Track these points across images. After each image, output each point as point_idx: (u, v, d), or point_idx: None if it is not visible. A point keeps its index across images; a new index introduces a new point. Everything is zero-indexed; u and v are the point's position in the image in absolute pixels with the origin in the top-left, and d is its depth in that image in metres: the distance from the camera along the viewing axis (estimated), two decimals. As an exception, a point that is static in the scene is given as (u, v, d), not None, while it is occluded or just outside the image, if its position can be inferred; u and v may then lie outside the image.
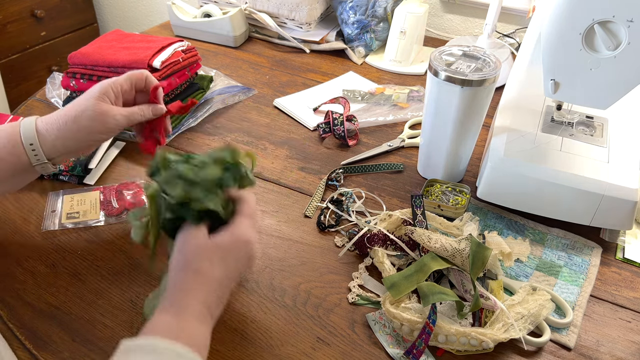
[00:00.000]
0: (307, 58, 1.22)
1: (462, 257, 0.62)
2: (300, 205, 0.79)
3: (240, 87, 1.07)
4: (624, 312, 0.64)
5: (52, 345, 0.58)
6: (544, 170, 0.70)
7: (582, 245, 0.72)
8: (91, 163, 0.82)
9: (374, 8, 1.19)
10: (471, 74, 0.70)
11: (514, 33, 1.23)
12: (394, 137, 0.94)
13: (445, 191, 0.78)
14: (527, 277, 0.68)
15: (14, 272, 0.66)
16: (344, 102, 0.98)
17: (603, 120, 0.79)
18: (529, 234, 0.74)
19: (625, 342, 0.60)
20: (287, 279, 0.67)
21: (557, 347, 0.60)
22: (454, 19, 1.36)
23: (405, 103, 1.02)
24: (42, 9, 1.77)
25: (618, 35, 0.60)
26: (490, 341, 0.56)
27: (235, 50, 1.25)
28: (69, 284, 0.65)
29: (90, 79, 0.90)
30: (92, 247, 0.70)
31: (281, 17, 1.25)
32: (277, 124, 0.98)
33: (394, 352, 0.58)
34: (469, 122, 0.74)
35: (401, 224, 0.70)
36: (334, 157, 0.89)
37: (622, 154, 0.72)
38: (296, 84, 1.11)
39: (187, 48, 0.96)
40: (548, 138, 0.75)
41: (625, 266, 0.70)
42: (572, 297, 0.65)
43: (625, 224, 0.69)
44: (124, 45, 0.93)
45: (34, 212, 0.76)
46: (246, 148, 0.91)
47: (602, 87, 0.65)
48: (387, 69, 1.18)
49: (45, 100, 1.03)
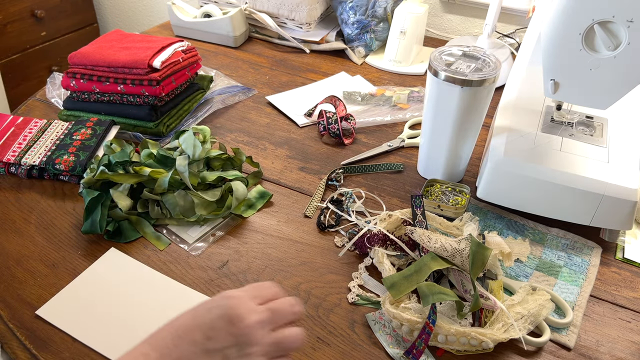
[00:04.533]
0: (307, 58, 1.22)
1: (462, 257, 0.62)
2: (300, 205, 0.79)
3: (240, 87, 1.07)
4: (623, 312, 0.64)
5: (52, 345, 0.58)
6: (544, 170, 0.70)
7: (582, 245, 0.72)
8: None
9: (374, 8, 1.19)
10: (471, 74, 0.70)
11: (514, 33, 1.23)
12: (394, 137, 0.94)
13: (445, 191, 0.78)
14: (527, 277, 0.68)
15: (14, 272, 0.67)
16: (334, 100, 0.97)
17: (603, 120, 0.79)
18: (529, 234, 0.74)
19: (625, 342, 0.60)
20: (287, 279, 0.67)
21: (557, 347, 0.60)
22: (454, 19, 1.36)
23: (405, 104, 1.02)
24: (42, 9, 1.77)
25: (618, 36, 0.60)
26: (490, 341, 0.56)
27: (235, 50, 1.25)
28: (69, 284, 0.65)
29: (90, 79, 0.90)
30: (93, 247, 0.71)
31: (281, 17, 1.25)
32: (277, 124, 0.98)
33: (394, 352, 0.58)
34: (469, 122, 0.74)
35: (401, 224, 0.70)
36: (333, 157, 0.89)
37: (622, 154, 0.72)
38: (296, 84, 1.11)
39: (187, 48, 0.96)
40: (548, 138, 0.75)
41: (625, 266, 0.70)
42: (571, 297, 0.65)
43: (625, 224, 0.69)
44: (124, 45, 0.93)
45: (34, 212, 0.76)
46: (246, 148, 0.91)
47: (602, 87, 0.65)
48: (387, 69, 1.18)
49: (45, 100, 1.03)
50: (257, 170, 0.84)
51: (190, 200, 0.74)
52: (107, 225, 0.71)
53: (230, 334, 0.43)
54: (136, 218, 0.73)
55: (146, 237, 0.72)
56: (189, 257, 0.70)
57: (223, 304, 0.44)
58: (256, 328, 0.43)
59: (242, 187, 0.77)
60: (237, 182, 0.77)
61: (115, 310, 0.62)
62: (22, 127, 0.87)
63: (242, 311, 0.43)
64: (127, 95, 0.89)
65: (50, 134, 0.86)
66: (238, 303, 0.44)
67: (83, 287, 0.65)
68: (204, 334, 0.43)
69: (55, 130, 0.87)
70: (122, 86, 0.88)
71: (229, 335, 0.43)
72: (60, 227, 0.73)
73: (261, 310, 0.45)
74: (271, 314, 0.45)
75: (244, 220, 0.76)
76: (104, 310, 0.62)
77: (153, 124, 0.90)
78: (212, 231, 0.74)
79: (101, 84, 0.89)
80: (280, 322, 0.46)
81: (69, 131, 0.86)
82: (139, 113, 0.90)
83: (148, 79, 0.87)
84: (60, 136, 0.85)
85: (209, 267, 0.68)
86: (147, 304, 0.63)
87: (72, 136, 0.85)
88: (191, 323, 0.44)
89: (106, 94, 0.91)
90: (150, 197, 0.74)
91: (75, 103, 0.94)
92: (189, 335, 0.43)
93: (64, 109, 0.95)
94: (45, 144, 0.84)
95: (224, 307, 0.44)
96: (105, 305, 0.63)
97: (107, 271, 0.67)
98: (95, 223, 0.70)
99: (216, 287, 0.65)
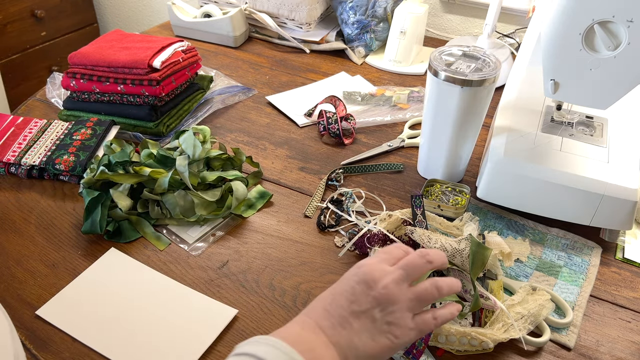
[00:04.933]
0: (307, 58, 1.22)
1: (462, 257, 0.62)
2: (300, 205, 0.79)
3: (240, 87, 1.07)
4: (623, 312, 0.64)
5: (52, 345, 0.58)
6: (544, 170, 0.70)
7: (582, 245, 0.72)
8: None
9: (374, 8, 1.19)
10: (471, 74, 0.70)
11: (514, 33, 1.23)
12: (394, 137, 0.94)
13: (445, 191, 0.78)
14: (527, 277, 0.68)
15: (14, 272, 0.67)
16: (334, 100, 0.97)
17: (603, 120, 0.79)
18: (529, 234, 0.74)
19: (625, 342, 0.60)
20: (287, 279, 0.67)
21: (557, 347, 0.60)
22: (454, 19, 1.36)
23: (405, 104, 1.02)
24: (42, 9, 1.77)
25: (618, 36, 0.60)
26: (490, 341, 0.56)
27: (235, 50, 1.25)
28: (69, 284, 0.65)
29: (90, 79, 0.90)
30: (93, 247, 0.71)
31: (281, 17, 1.25)
32: (277, 124, 0.98)
33: (393, 352, 0.58)
34: (468, 122, 0.74)
35: (401, 224, 0.70)
36: (333, 157, 0.89)
37: (622, 154, 0.72)
38: (296, 84, 1.11)
39: (187, 48, 0.96)
40: (548, 138, 0.75)
41: (625, 266, 0.70)
42: (571, 297, 0.65)
43: (625, 224, 0.69)
44: (124, 45, 0.93)
45: (34, 212, 0.76)
46: (246, 148, 0.91)
47: (602, 87, 0.65)
48: (387, 69, 1.18)
49: (45, 100, 1.03)
50: (257, 170, 0.84)
51: (190, 200, 0.74)
52: (107, 226, 0.71)
53: (370, 297, 0.46)
54: (136, 218, 0.73)
55: (146, 237, 0.72)
56: (189, 257, 0.70)
57: (358, 272, 0.48)
58: (393, 287, 0.47)
59: (242, 187, 0.77)
60: (237, 182, 0.77)
61: (115, 310, 0.62)
62: (22, 127, 0.87)
63: (377, 275, 0.47)
64: (127, 95, 0.89)
65: (50, 134, 0.86)
66: (371, 268, 0.48)
67: (83, 287, 0.65)
68: (347, 299, 0.47)
69: (55, 130, 0.87)
70: (122, 86, 0.88)
71: (369, 298, 0.46)
72: (60, 227, 0.73)
73: (394, 270, 0.48)
74: (404, 271, 0.48)
75: (244, 220, 0.76)
76: (104, 310, 0.62)
77: (153, 124, 0.90)
78: (212, 231, 0.74)
79: (101, 84, 0.89)
80: (415, 275, 0.49)
81: (69, 131, 0.86)
82: (139, 113, 0.90)
83: (148, 79, 0.87)
84: (60, 136, 0.85)
85: (209, 267, 0.68)
86: (147, 304, 0.63)
87: (72, 136, 0.85)
88: (337, 291, 0.48)
89: (106, 94, 0.91)
90: (150, 197, 0.74)
91: (75, 103, 0.94)
92: (335, 302, 0.47)
93: (64, 109, 0.95)
94: (45, 144, 0.84)
95: (359, 275, 0.48)
96: (105, 305, 0.63)
97: (107, 271, 0.67)
98: (95, 223, 0.70)
99: (216, 287, 0.65)
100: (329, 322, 0.46)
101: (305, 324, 0.47)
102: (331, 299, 0.48)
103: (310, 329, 0.46)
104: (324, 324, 0.46)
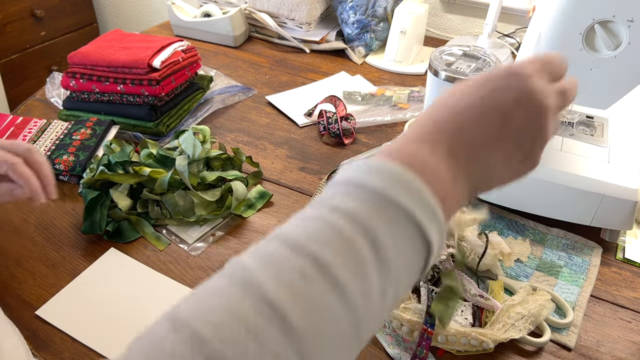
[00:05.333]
0: (307, 58, 1.22)
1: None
2: (300, 205, 0.79)
3: (240, 87, 1.07)
4: (624, 312, 0.64)
5: (52, 346, 0.58)
6: (544, 170, 0.70)
7: (583, 245, 0.72)
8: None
9: (374, 8, 1.18)
10: (471, 74, 0.70)
11: (514, 33, 1.23)
12: (394, 137, 0.94)
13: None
14: (527, 277, 0.67)
15: (13, 272, 0.66)
16: (335, 100, 0.97)
17: (603, 120, 0.79)
18: (529, 234, 0.74)
19: (626, 342, 0.60)
20: (287, 279, 0.67)
21: (557, 347, 0.60)
22: (454, 19, 1.36)
23: (405, 104, 1.02)
24: (42, 9, 1.77)
25: (618, 35, 0.60)
26: (491, 341, 0.56)
27: (235, 50, 1.25)
28: (69, 284, 0.65)
29: (90, 78, 0.90)
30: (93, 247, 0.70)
31: (281, 17, 1.25)
32: (277, 124, 0.98)
33: (394, 352, 0.58)
34: (469, 122, 0.74)
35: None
36: (334, 157, 0.89)
37: (623, 154, 0.72)
38: (296, 84, 1.11)
39: (187, 48, 0.96)
40: (548, 138, 0.74)
41: (625, 266, 0.70)
42: (572, 297, 0.65)
43: (626, 224, 0.69)
44: (123, 45, 0.93)
45: (33, 212, 0.76)
46: (246, 148, 0.91)
47: (602, 87, 0.65)
48: (387, 68, 1.17)
49: (45, 100, 1.03)
50: (257, 170, 0.84)
51: (190, 200, 0.74)
52: (107, 226, 0.71)
53: (531, 126, 0.36)
54: (136, 218, 0.73)
55: (146, 237, 0.72)
56: (188, 257, 0.70)
57: (520, 87, 0.35)
58: (553, 118, 0.37)
59: (242, 187, 0.77)
60: (237, 182, 0.77)
61: (115, 311, 0.62)
62: (21, 127, 0.87)
63: (547, 101, 0.36)
64: (127, 95, 0.89)
65: (49, 133, 0.86)
66: (536, 88, 0.35)
67: (83, 287, 0.65)
68: (501, 119, 0.35)
69: (54, 130, 0.87)
70: (121, 86, 0.88)
71: (529, 127, 0.36)
72: (60, 227, 0.73)
73: (556, 95, 0.37)
74: (564, 99, 0.38)
75: (243, 220, 0.76)
76: (103, 310, 0.62)
77: (153, 123, 0.90)
78: (212, 231, 0.74)
79: (101, 84, 0.89)
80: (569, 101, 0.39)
81: (68, 131, 0.86)
82: (138, 113, 0.90)
83: (148, 78, 0.87)
84: (59, 136, 0.85)
85: (208, 267, 0.68)
86: (146, 304, 0.63)
87: (72, 136, 0.85)
88: (487, 103, 0.35)
89: (106, 93, 0.90)
90: (150, 197, 0.74)
91: (74, 103, 0.94)
92: (486, 117, 0.35)
93: (64, 108, 0.95)
94: (44, 144, 0.84)
95: (520, 91, 0.35)
96: (105, 305, 0.62)
97: (107, 271, 0.67)
98: (95, 223, 0.70)
99: (216, 287, 0.65)
100: (464, 149, 0.35)
101: (437, 147, 0.34)
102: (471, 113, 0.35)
103: (443, 154, 0.34)
104: (460, 150, 0.35)
